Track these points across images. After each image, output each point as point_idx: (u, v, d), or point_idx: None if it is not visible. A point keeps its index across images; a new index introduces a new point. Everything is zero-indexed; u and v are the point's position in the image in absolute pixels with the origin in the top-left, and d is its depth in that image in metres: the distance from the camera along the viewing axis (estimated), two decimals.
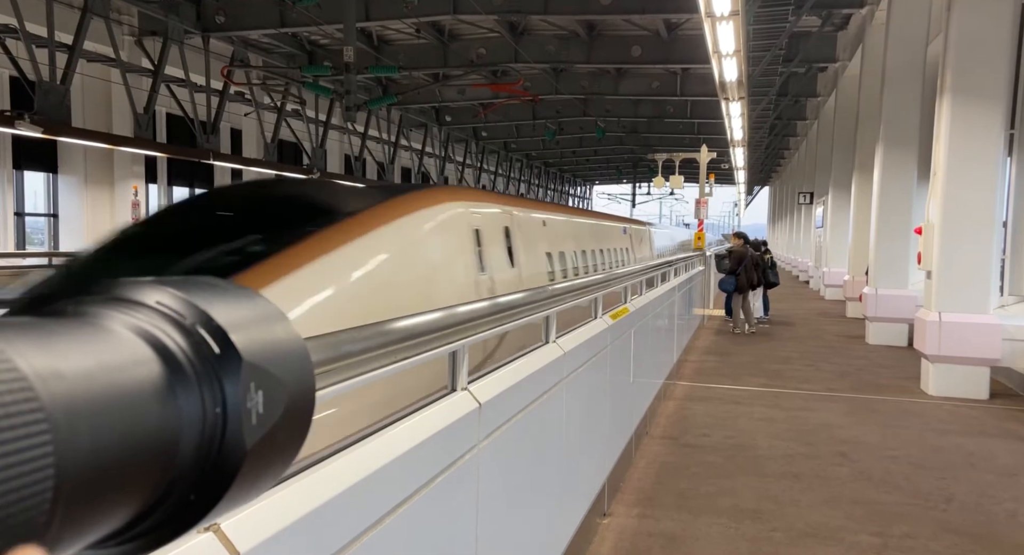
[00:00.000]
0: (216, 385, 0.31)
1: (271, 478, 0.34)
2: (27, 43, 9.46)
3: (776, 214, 40.59)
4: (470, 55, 15.37)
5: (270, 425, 0.32)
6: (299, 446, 0.35)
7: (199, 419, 0.30)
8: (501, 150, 28.39)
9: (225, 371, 0.31)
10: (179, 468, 0.30)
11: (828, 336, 11.18)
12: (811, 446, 5.19)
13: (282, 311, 0.36)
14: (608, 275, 3.78)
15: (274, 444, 0.33)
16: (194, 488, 0.31)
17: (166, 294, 0.32)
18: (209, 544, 0.98)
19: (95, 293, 0.32)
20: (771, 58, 13.14)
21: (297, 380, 0.34)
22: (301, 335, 0.36)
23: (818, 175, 20.68)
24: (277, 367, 0.33)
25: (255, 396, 0.32)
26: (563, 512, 2.93)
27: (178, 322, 0.31)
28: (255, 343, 0.32)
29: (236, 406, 0.31)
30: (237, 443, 0.31)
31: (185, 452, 0.30)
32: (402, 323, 1.63)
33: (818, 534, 3.63)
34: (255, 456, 0.32)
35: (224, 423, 0.31)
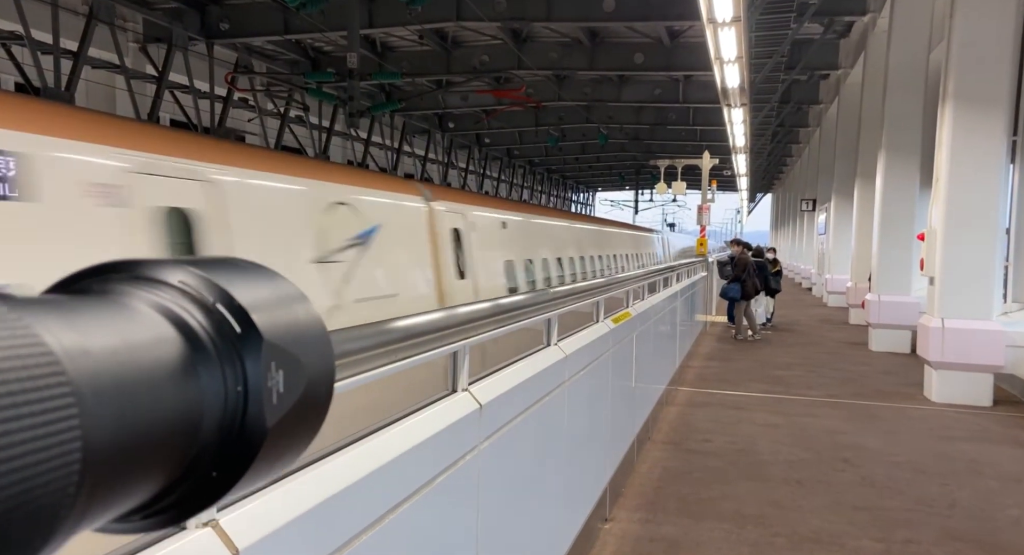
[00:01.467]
0: (238, 364, 0.31)
1: (292, 457, 0.34)
2: (32, 50, 9.52)
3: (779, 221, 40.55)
4: (473, 62, 15.42)
5: (290, 405, 0.32)
6: (318, 426, 0.35)
7: (221, 397, 0.31)
8: (504, 156, 28.44)
9: (246, 350, 0.31)
10: (201, 445, 0.30)
11: (830, 343, 11.15)
12: (813, 452, 5.17)
13: (303, 293, 0.36)
14: (610, 279, 3.78)
15: (294, 423, 0.33)
16: (216, 464, 0.31)
17: (189, 274, 0.32)
18: (208, 540, 0.98)
19: (120, 272, 0.32)
20: (773, 65, 13.17)
21: (317, 361, 0.34)
22: (319, 313, 0.36)
23: (820, 182, 20.68)
24: (297, 348, 0.33)
25: (276, 376, 0.32)
26: (564, 516, 2.92)
27: (200, 301, 0.32)
28: (276, 323, 0.33)
29: (257, 385, 0.31)
30: (258, 421, 0.31)
31: (207, 429, 0.30)
32: (403, 322, 1.63)
33: (820, 539, 3.61)
34: (276, 434, 0.32)
35: (245, 401, 0.31)
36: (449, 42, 15.30)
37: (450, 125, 22.35)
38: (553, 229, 12.91)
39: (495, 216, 9.86)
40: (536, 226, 11.65)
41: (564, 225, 14.47)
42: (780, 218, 39.74)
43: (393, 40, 15.45)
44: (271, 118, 16.52)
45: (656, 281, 5.92)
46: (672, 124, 22.15)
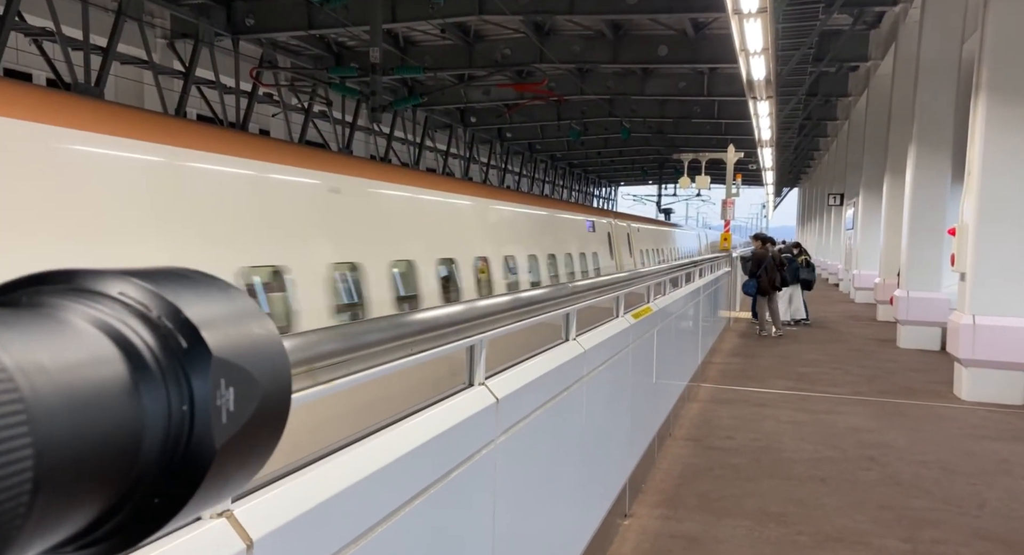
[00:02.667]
0: (183, 381, 0.29)
1: (243, 479, 0.32)
2: (63, 46, 9.68)
3: (805, 216, 40.00)
4: (495, 56, 15.39)
5: (242, 423, 0.30)
6: (273, 445, 0.33)
7: (164, 417, 0.29)
8: (526, 151, 28.38)
9: (193, 366, 0.29)
10: (142, 469, 0.28)
11: (857, 339, 10.98)
12: (838, 450, 5.09)
13: (258, 305, 0.34)
14: (631, 274, 3.75)
15: (246, 443, 0.31)
16: (159, 490, 0.29)
17: (130, 284, 0.30)
18: (222, 531, 0.98)
19: (53, 282, 0.29)
20: (800, 57, 12.95)
21: (272, 376, 0.32)
22: (277, 331, 0.34)
23: (849, 176, 20.34)
24: (250, 362, 0.31)
25: (225, 393, 0.30)
26: (583, 511, 2.91)
27: (143, 314, 0.30)
28: (226, 337, 0.31)
29: (204, 403, 0.29)
30: (205, 442, 0.29)
31: (148, 452, 0.28)
32: (421, 315, 1.63)
33: (844, 538, 3.56)
34: (225, 456, 0.30)
35: (191, 421, 0.29)
36: (471, 36, 15.28)
37: (472, 120, 22.35)
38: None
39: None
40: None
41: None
42: (807, 213, 39.19)
43: (416, 34, 15.47)
44: (295, 113, 16.65)
45: (678, 276, 5.87)
46: (696, 118, 21.91)
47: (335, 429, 1.51)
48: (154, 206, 3.81)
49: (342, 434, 1.38)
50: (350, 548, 1.21)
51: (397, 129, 19.24)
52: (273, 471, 1.17)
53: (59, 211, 3.22)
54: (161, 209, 3.86)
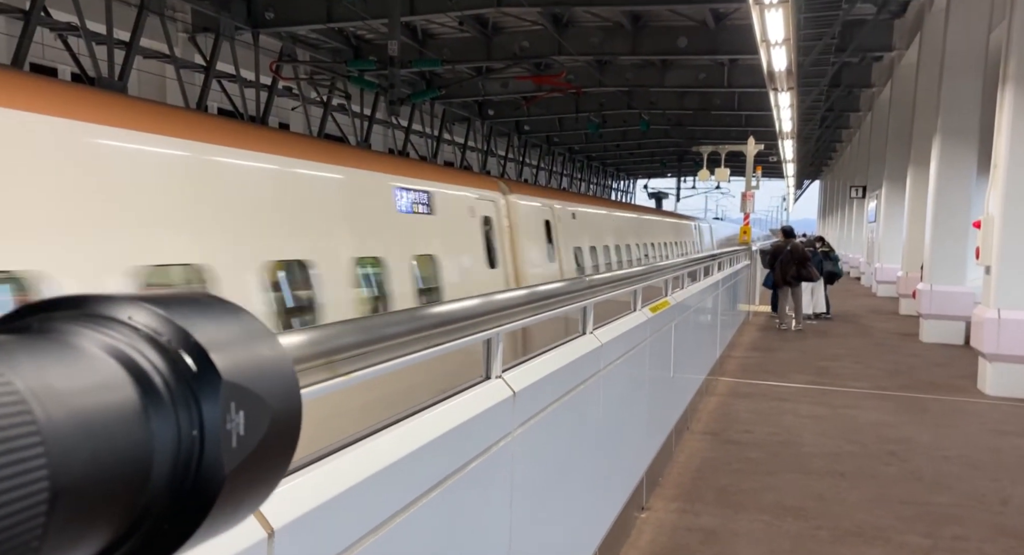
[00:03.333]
0: (193, 406, 0.29)
1: (254, 503, 0.32)
2: (87, 40, 9.81)
3: (827, 208, 39.52)
4: (513, 48, 15.35)
5: (252, 447, 0.30)
6: (285, 468, 0.33)
7: (173, 443, 0.28)
8: (543, 144, 28.30)
9: (203, 391, 0.29)
10: (151, 496, 0.28)
11: (879, 333, 10.85)
12: (859, 444, 5.05)
13: (268, 327, 0.34)
14: (649, 267, 3.74)
15: (257, 467, 0.31)
16: (169, 517, 0.28)
17: (141, 309, 0.30)
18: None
19: (63, 308, 0.29)
20: (823, 47, 12.78)
21: (282, 399, 0.32)
22: (287, 352, 0.34)
23: (871, 168, 20.06)
24: (260, 386, 0.31)
25: (236, 417, 0.30)
26: (599, 504, 2.92)
27: (153, 339, 0.29)
28: (236, 361, 0.30)
29: (214, 428, 0.29)
30: (215, 468, 0.29)
31: (158, 478, 0.28)
32: (438, 309, 1.64)
33: (864, 533, 3.54)
34: (236, 481, 0.30)
35: (201, 447, 0.29)
36: (489, 28, 15.25)
37: (490, 112, 22.33)
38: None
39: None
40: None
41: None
42: (828, 205, 38.72)
43: (434, 27, 15.46)
44: (314, 106, 16.74)
45: (696, 270, 5.83)
46: (716, 109, 21.71)
47: (370, 417, 1.53)
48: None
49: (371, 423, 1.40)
50: (369, 538, 1.23)
51: (415, 122, 19.28)
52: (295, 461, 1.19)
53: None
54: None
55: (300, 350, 1.14)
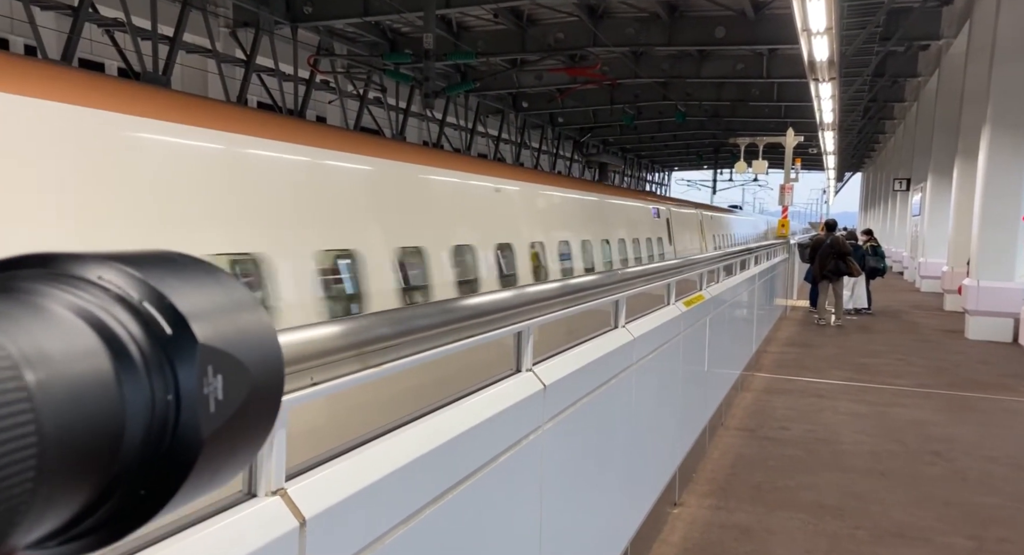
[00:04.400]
0: (168, 369, 0.28)
1: (235, 469, 0.31)
2: (133, 36, 10.04)
3: (868, 201, 38.56)
4: (548, 40, 15.26)
5: (231, 412, 0.29)
6: (266, 434, 0.32)
7: (146, 407, 0.27)
8: (577, 136, 28.14)
9: (178, 354, 0.28)
10: (124, 461, 0.27)
11: (923, 330, 10.57)
12: (900, 443, 4.93)
13: (248, 289, 0.33)
14: (683, 261, 3.69)
15: (236, 432, 0.30)
16: (144, 482, 0.28)
17: (111, 268, 0.29)
18: (276, 508, 1.01)
19: (29, 265, 0.28)
20: (867, 36, 12.41)
21: (263, 364, 0.31)
22: (270, 318, 0.33)
23: (916, 160, 19.51)
24: (239, 349, 0.30)
25: (213, 381, 0.29)
26: (631, 498, 2.90)
27: (124, 299, 0.28)
28: (214, 323, 0.29)
29: (191, 392, 0.28)
30: (192, 433, 0.28)
31: (130, 443, 0.27)
32: (470, 301, 1.64)
33: (905, 534, 3.45)
34: (214, 446, 0.29)
35: (177, 411, 0.28)
36: (524, 20, 15.18)
37: (524, 105, 22.26)
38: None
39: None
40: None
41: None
42: (870, 198, 37.78)
43: (469, 20, 15.46)
44: (350, 100, 16.89)
45: (732, 264, 5.74)
46: (754, 100, 21.29)
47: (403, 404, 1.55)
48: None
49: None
50: (399, 528, 1.24)
51: (449, 115, 19.32)
52: (326, 451, 1.20)
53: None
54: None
55: (332, 341, 1.15)
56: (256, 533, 0.95)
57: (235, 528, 0.94)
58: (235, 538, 0.92)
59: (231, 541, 0.91)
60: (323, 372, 1.11)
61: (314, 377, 1.08)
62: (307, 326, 1.13)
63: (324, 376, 1.11)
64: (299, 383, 1.05)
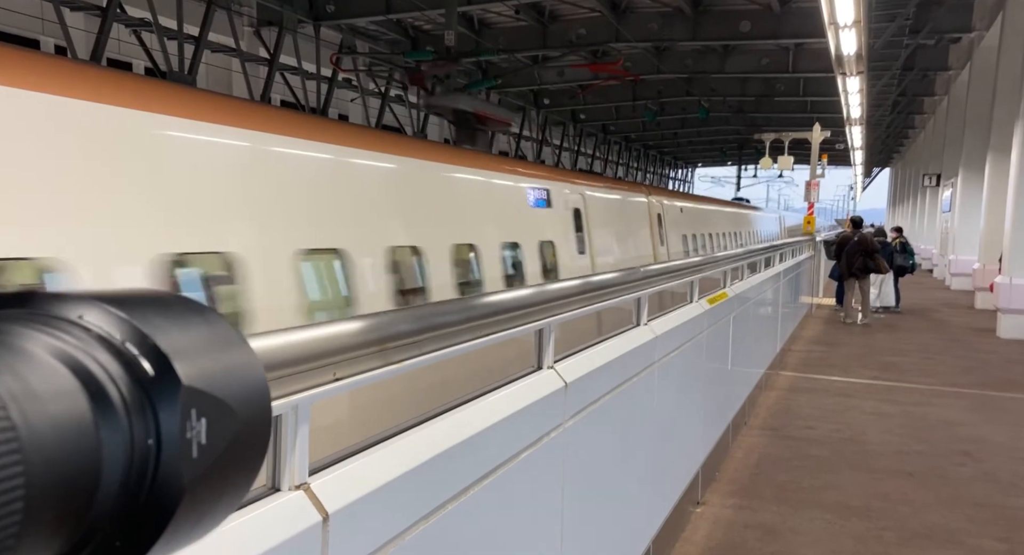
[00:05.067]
0: (149, 412, 0.27)
1: (218, 516, 0.30)
2: (159, 36, 10.20)
3: (897, 197, 37.92)
4: (570, 36, 15.19)
5: (215, 456, 0.28)
6: (252, 478, 0.31)
7: (125, 452, 0.26)
8: (599, 132, 28.00)
9: (160, 396, 0.27)
10: (99, 510, 0.26)
11: (953, 328, 10.37)
12: (928, 443, 4.84)
13: (236, 328, 0.32)
14: (705, 258, 3.66)
15: (220, 478, 0.29)
16: (120, 532, 0.26)
17: (93, 308, 0.28)
18: (300, 503, 1.02)
19: (7, 306, 0.27)
20: (896, 29, 12.19)
21: (249, 405, 0.30)
22: (256, 354, 0.32)
23: (947, 155, 19.14)
24: (225, 390, 0.29)
25: (197, 425, 0.28)
26: (653, 497, 2.88)
27: (105, 340, 0.27)
28: (199, 364, 0.28)
29: (172, 437, 0.27)
30: (173, 480, 0.27)
31: (107, 490, 0.26)
32: (491, 298, 1.64)
33: (934, 535, 3.39)
34: (196, 492, 0.27)
35: (157, 457, 0.27)
36: (546, 17, 15.14)
37: (545, 101, 22.20)
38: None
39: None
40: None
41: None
42: (898, 194, 37.14)
43: (490, 16, 15.45)
44: (372, 97, 16.98)
45: (756, 261, 5.68)
46: (780, 96, 21.03)
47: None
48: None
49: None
50: (421, 524, 1.24)
51: None
52: (350, 446, 1.21)
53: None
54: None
55: (354, 337, 1.16)
56: (280, 527, 0.96)
57: (259, 522, 0.94)
58: (259, 532, 0.93)
59: (255, 535, 0.92)
60: (345, 368, 1.11)
61: (337, 373, 1.09)
62: (330, 322, 1.14)
63: (346, 372, 1.11)
64: (322, 378, 1.06)
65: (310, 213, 3.87)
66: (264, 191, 3.60)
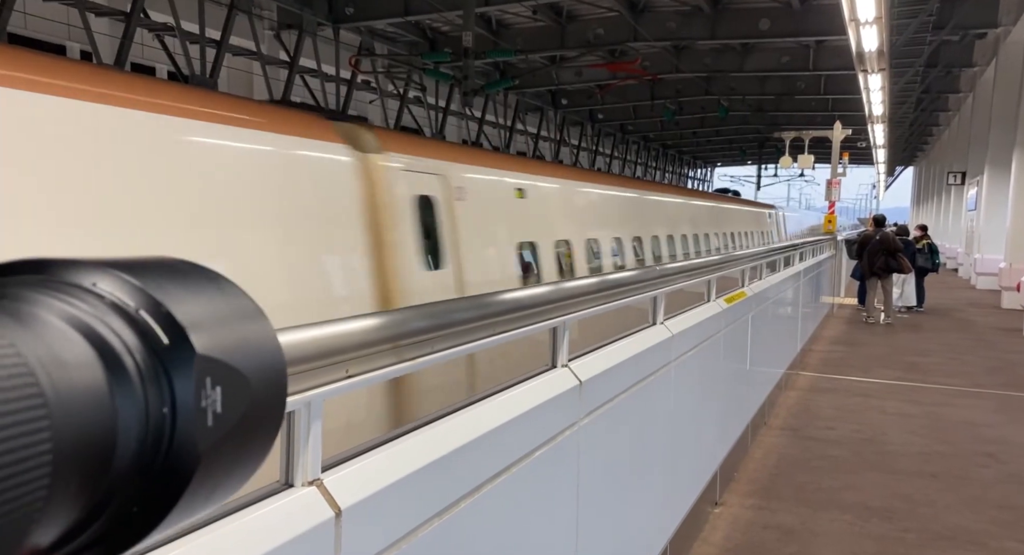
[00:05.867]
0: (164, 381, 0.27)
1: (234, 484, 0.30)
2: (182, 40, 10.34)
3: (921, 196, 37.36)
4: (588, 36, 15.16)
5: (230, 425, 0.28)
6: (268, 447, 0.31)
7: (140, 420, 0.26)
8: (617, 132, 27.90)
9: (174, 365, 0.27)
10: (115, 476, 0.26)
11: (978, 328, 10.19)
12: (951, 444, 4.77)
13: (250, 297, 0.31)
14: (724, 257, 3.63)
15: (236, 447, 0.29)
16: (137, 499, 0.26)
17: (107, 275, 0.27)
18: (312, 499, 1.03)
19: (20, 272, 0.27)
20: (918, 25, 12.02)
21: (265, 375, 0.30)
22: (272, 323, 0.31)
23: (972, 153, 18.83)
24: (240, 359, 0.29)
25: (212, 393, 0.28)
26: (670, 497, 2.87)
27: (119, 307, 0.27)
28: (213, 333, 0.28)
29: (187, 405, 0.27)
30: (188, 447, 0.27)
31: (122, 458, 0.26)
32: (506, 296, 1.64)
33: (957, 537, 3.34)
34: (211, 460, 0.27)
35: (173, 425, 0.27)
36: (564, 17, 15.12)
37: (563, 102, 22.17)
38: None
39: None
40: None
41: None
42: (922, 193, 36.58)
43: (508, 17, 15.46)
44: (391, 99, 17.07)
45: (776, 260, 5.63)
46: (800, 94, 20.80)
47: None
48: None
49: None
50: (434, 521, 1.25)
51: (488, 113, 19.37)
52: (363, 443, 1.21)
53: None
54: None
55: (368, 335, 1.17)
56: (292, 523, 0.97)
57: (272, 517, 0.96)
58: (272, 527, 0.94)
59: (268, 530, 0.93)
60: (359, 365, 1.12)
61: (349, 369, 1.10)
62: (343, 319, 1.15)
63: (359, 369, 1.12)
64: (334, 375, 1.07)
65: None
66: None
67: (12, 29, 9.38)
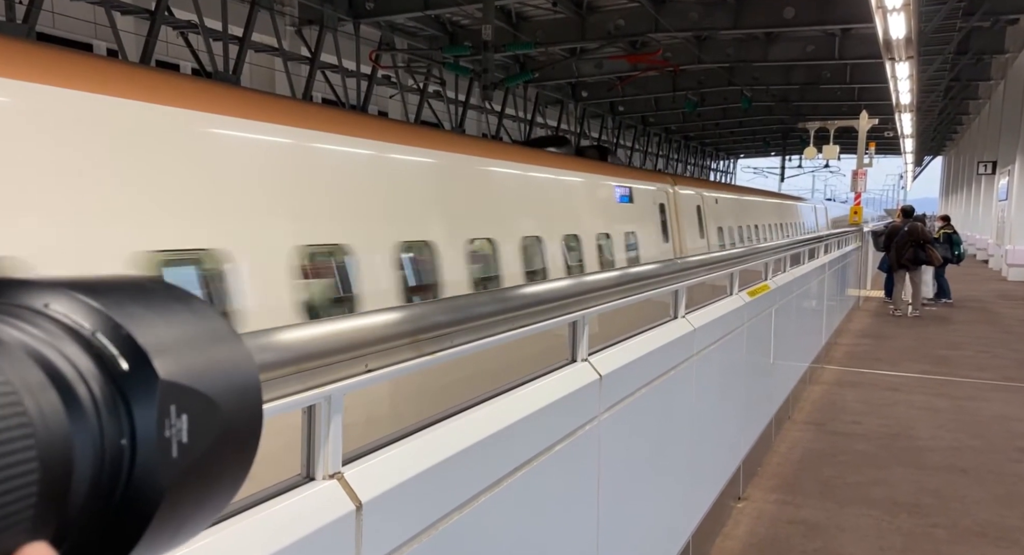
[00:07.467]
0: (123, 410, 0.25)
1: (207, 515, 0.27)
2: (206, 37, 10.45)
3: (950, 186, 36.63)
4: (608, 27, 15.04)
5: (197, 455, 0.26)
6: (242, 477, 0.29)
7: (95, 453, 0.24)
8: (638, 124, 27.68)
9: (135, 392, 0.25)
10: (68, 515, 0.24)
11: (1009, 320, 9.98)
12: (982, 439, 4.68)
13: (222, 317, 0.29)
14: (747, 250, 3.59)
15: (204, 477, 0.27)
16: (93, 539, 0.25)
17: (61, 295, 0.26)
18: (333, 492, 1.04)
19: None
20: (948, 11, 11.74)
21: (238, 399, 0.28)
22: (246, 345, 0.29)
23: (1003, 142, 18.39)
24: (209, 385, 0.27)
25: (177, 422, 0.26)
26: (693, 491, 2.85)
27: (73, 330, 0.25)
28: (180, 355, 0.26)
29: (148, 435, 0.25)
30: (149, 481, 0.25)
31: (77, 494, 0.24)
32: (527, 290, 1.64)
33: (988, 533, 3.28)
34: (177, 493, 0.25)
35: (132, 457, 0.25)
36: (584, 8, 15.01)
37: (583, 94, 22.04)
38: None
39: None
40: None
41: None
42: (951, 183, 35.87)
43: (527, 10, 15.39)
44: (411, 94, 17.10)
45: (800, 252, 5.55)
46: (825, 83, 20.46)
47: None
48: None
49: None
50: (455, 515, 1.25)
51: (508, 106, 19.32)
52: (384, 436, 1.22)
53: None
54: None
55: (388, 329, 1.17)
56: (314, 516, 0.98)
57: (293, 510, 0.96)
58: (293, 520, 0.95)
59: (289, 523, 0.94)
60: (378, 359, 1.12)
61: (369, 364, 1.10)
62: (363, 313, 1.15)
63: (379, 363, 1.12)
64: (354, 370, 1.07)
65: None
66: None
67: (41, 28, 9.54)
